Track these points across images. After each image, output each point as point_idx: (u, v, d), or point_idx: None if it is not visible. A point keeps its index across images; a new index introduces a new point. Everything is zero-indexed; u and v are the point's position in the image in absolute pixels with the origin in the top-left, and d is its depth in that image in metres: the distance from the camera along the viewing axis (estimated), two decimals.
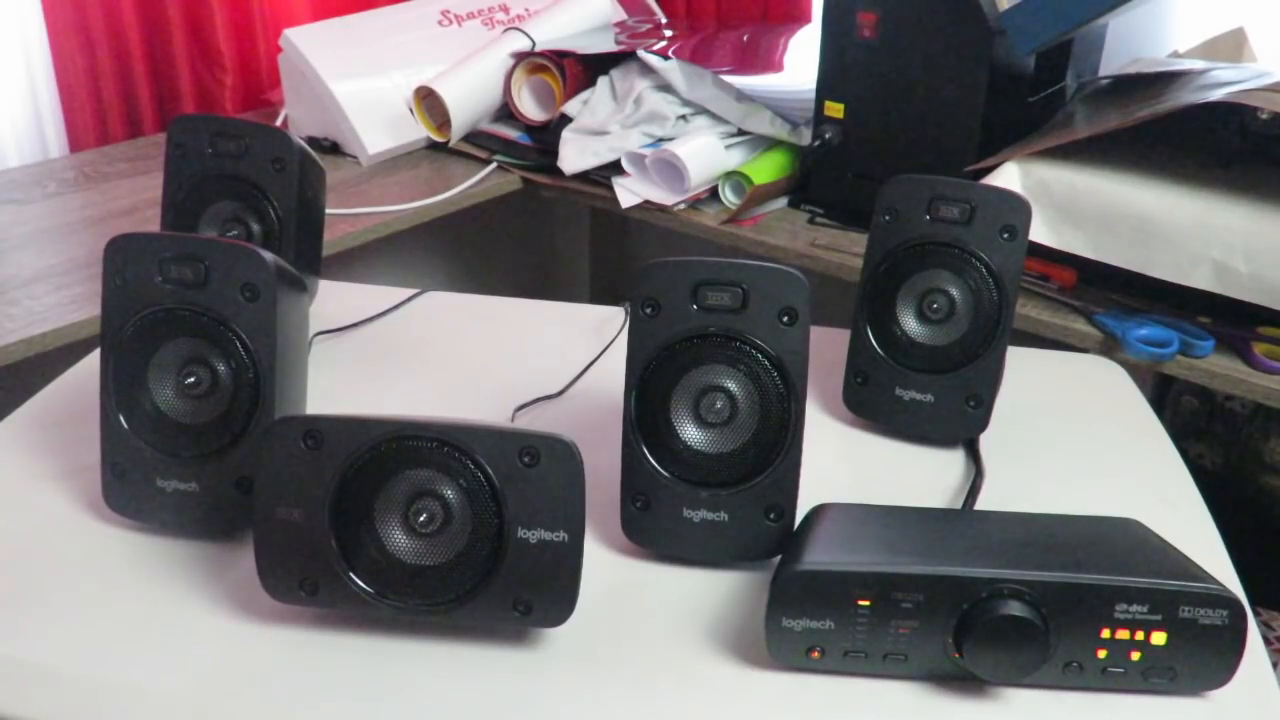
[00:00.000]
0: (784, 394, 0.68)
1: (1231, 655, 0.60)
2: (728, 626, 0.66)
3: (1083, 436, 0.87)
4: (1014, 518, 0.70)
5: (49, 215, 1.39)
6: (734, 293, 0.68)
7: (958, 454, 0.84)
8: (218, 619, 0.65)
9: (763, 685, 0.62)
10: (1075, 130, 1.16)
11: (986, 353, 0.81)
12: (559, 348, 0.97)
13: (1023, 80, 1.24)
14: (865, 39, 1.24)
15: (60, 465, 0.79)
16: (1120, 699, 0.61)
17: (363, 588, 0.62)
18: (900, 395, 0.84)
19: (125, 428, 0.70)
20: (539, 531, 0.61)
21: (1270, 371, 1.04)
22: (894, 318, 0.83)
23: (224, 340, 0.69)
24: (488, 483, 0.61)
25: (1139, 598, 0.59)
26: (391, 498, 0.61)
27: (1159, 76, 1.22)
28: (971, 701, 0.61)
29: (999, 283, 0.80)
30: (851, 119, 1.29)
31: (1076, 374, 0.98)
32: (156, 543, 0.72)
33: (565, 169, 1.42)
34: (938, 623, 0.60)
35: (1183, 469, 0.83)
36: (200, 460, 0.70)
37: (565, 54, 1.47)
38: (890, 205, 0.83)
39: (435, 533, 0.61)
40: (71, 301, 1.16)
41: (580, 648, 0.64)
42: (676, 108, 1.40)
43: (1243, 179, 1.09)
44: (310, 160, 0.93)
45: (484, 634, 0.64)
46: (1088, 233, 1.12)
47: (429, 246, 1.86)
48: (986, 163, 1.17)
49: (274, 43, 1.58)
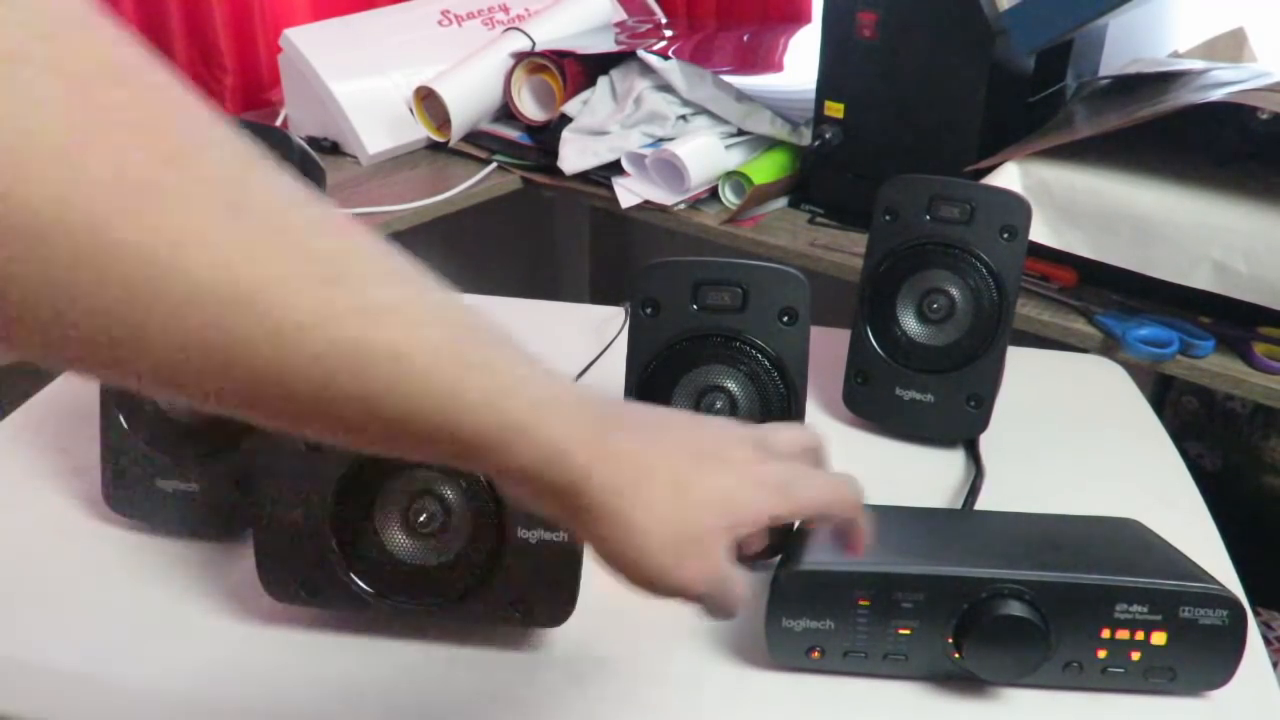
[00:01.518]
0: (784, 394, 0.68)
1: (1231, 655, 0.60)
2: (728, 626, 0.66)
3: (1083, 436, 0.87)
4: (1014, 518, 0.70)
5: None
6: (734, 293, 0.68)
7: (958, 454, 0.84)
8: (218, 619, 0.65)
9: (763, 685, 0.62)
10: (1075, 130, 1.16)
11: (986, 353, 0.81)
12: (559, 348, 0.97)
13: (1023, 80, 1.24)
14: (865, 39, 1.24)
15: (60, 465, 0.79)
16: (1120, 699, 0.61)
17: (363, 588, 0.62)
18: (900, 395, 0.84)
19: (125, 428, 0.70)
20: (539, 531, 0.61)
21: (1270, 371, 1.03)
22: (894, 318, 0.83)
23: None
24: (488, 483, 0.61)
25: (1139, 598, 0.59)
26: (391, 498, 0.61)
27: (1159, 76, 1.22)
28: (971, 701, 0.61)
29: (999, 283, 0.80)
30: (851, 119, 1.29)
31: (1076, 374, 0.98)
32: (156, 543, 0.72)
33: (565, 169, 1.42)
34: (938, 623, 0.60)
35: (1183, 469, 0.83)
36: (200, 460, 0.70)
37: (565, 54, 1.47)
38: (890, 205, 0.83)
39: (435, 533, 0.61)
40: None
41: (580, 648, 0.64)
42: (676, 108, 1.40)
43: (1243, 179, 1.09)
44: (310, 160, 0.93)
45: (484, 634, 0.64)
46: (1088, 233, 1.12)
47: (429, 246, 1.85)
48: (986, 163, 1.17)
49: (274, 43, 1.58)
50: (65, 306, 0.30)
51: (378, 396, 0.35)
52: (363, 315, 0.34)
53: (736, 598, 0.44)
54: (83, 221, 0.29)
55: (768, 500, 0.44)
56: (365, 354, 0.34)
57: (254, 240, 0.32)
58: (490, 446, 0.37)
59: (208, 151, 0.32)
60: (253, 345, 0.32)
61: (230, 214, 0.32)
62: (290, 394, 0.34)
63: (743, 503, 0.43)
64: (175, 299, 0.30)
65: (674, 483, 0.42)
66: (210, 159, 0.32)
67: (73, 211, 0.29)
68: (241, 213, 0.32)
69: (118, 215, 0.29)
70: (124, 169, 0.29)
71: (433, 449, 0.38)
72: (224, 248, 0.31)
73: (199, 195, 0.31)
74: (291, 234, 0.33)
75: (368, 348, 0.34)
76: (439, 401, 0.36)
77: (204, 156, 0.32)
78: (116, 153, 0.29)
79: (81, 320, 0.30)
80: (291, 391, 0.34)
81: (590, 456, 0.39)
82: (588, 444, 0.39)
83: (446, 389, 0.36)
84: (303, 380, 0.33)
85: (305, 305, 0.32)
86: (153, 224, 0.30)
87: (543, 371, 0.40)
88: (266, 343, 0.32)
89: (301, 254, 0.33)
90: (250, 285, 0.31)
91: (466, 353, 0.37)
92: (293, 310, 0.32)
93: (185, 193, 0.31)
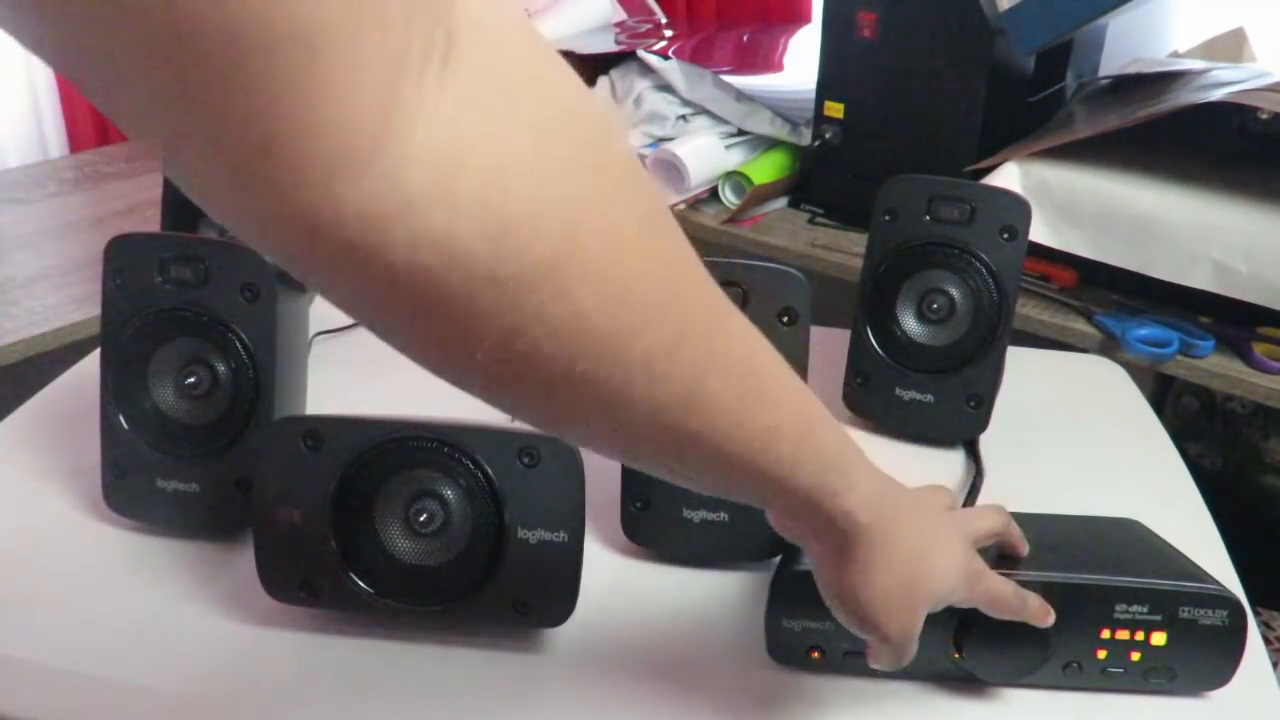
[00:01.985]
0: None
1: (1231, 655, 0.60)
2: (728, 626, 0.66)
3: (1083, 436, 0.87)
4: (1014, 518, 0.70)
5: (49, 215, 1.39)
6: (734, 293, 0.68)
7: (958, 454, 0.84)
8: (218, 619, 0.65)
9: (763, 685, 0.62)
10: (1075, 130, 1.16)
11: (986, 353, 0.81)
12: None
13: (1023, 80, 1.24)
14: (865, 39, 1.24)
15: (60, 465, 0.79)
16: (1120, 699, 0.61)
17: (363, 588, 0.62)
18: (900, 395, 0.84)
19: (125, 428, 0.70)
20: (539, 531, 0.61)
21: (1270, 371, 1.03)
22: (894, 318, 0.83)
23: (224, 340, 0.69)
24: (488, 483, 0.61)
25: (1139, 598, 0.59)
26: (391, 498, 0.61)
27: (1159, 76, 1.22)
28: (971, 701, 0.61)
29: (999, 283, 0.80)
30: (851, 119, 1.29)
31: (1076, 374, 0.98)
32: (156, 543, 0.72)
33: None
34: (938, 623, 0.59)
35: (1183, 469, 0.83)
36: (200, 460, 0.70)
37: (565, 54, 1.47)
38: (890, 205, 0.83)
39: (435, 533, 0.61)
40: (71, 301, 1.16)
41: (580, 648, 0.64)
42: (676, 108, 1.40)
43: (1243, 179, 1.09)
44: None
45: (484, 634, 0.64)
46: (1088, 233, 1.12)
47: None
48: (986, 163, 1.17)
49: None
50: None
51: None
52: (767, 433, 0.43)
53: (911, 655, 0.53)
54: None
55: (961, 588, 0.54)
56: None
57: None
58: (805, 505, 0.47)
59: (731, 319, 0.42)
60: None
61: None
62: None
63: (950, 585, 0.53)
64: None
65: (914, 553, 0.51)
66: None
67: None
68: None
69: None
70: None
71: (758, 499, 0.49)
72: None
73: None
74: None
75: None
76: (780, 473, 0.45)
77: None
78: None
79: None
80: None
81: (870, 519, 0.49)
82: (869, 507, 0.48)
83: (786, 470, 0.45)
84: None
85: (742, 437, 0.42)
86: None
87: (848, 441, 0.49)
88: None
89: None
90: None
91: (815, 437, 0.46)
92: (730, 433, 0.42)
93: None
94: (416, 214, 0.29)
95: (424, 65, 0.28)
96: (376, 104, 0.27)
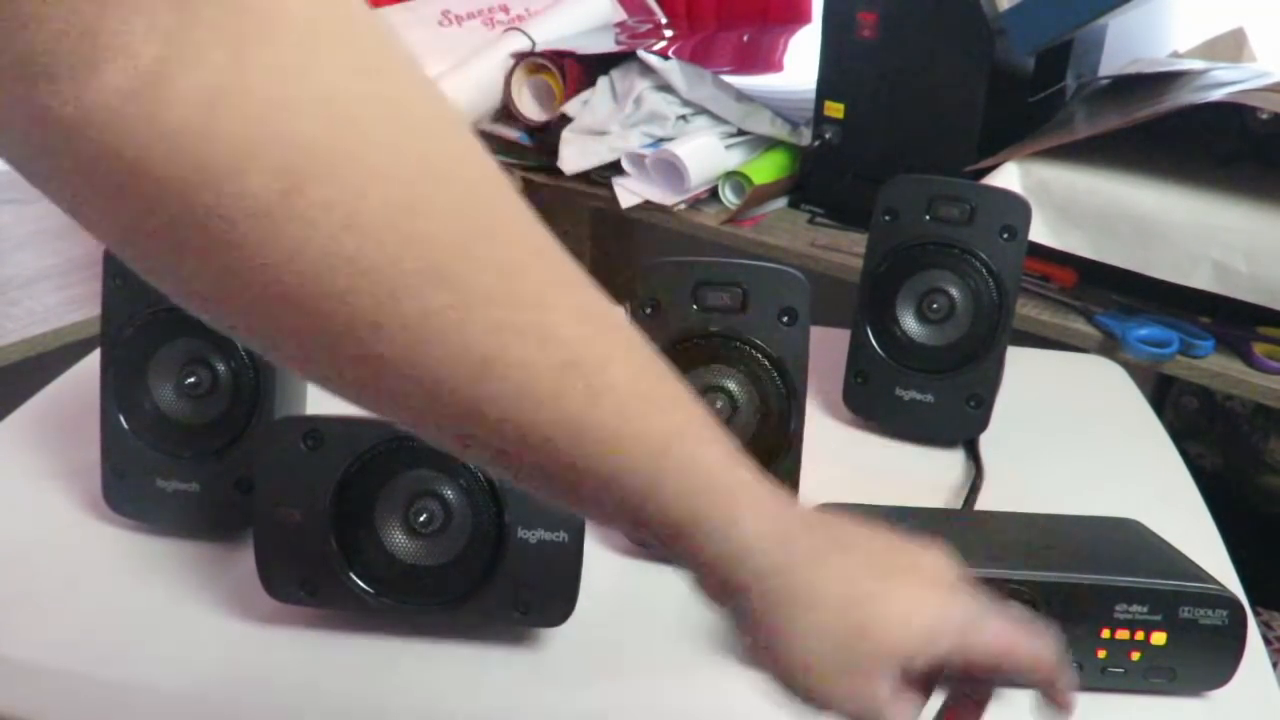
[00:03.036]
0: (784, 394, 0.68)
1: (1231, 655, 0.60)
2: (728, 627, 0.66)
3: (1083, 436, 0.87)
4: (1014, 518, 0.70)
5: (49, 215, 1.39)
6: (734, 293, 0.68)
7: (958, 454, 0.84)
8: (218, 619, 0.65)
9: (762, 685, 0.62)
10: (1075, 130, 1.16)
11: (986, 353, 0.81)
12: None
13: (1023, 80, 1.24)
14: (865, 39, 1.24)
15: (60, 465, 0.79)
16: (1120, 699, 0.61)
17: (363, 588, 0.62)
18: (900, 395, 0.84)
19: (125, 428, 0.70)
20: (539, 531, 0.61)
21: (1270, 371, 1.03)
22: (894, 318, 0.83)
23: (224, 340, 0.69)
24: (487, 483, 0.61)
25: (1139, 598, 0.59)
26: (391, 498, 0.61)
27: (1159, 76, 1.22)
28: None
29: (999, 283, 0.80)
30: (851, 119, 1.29)
31: (1076, 374, 0.98)
32: (156, 543, 0.72)
33: (565, 169, 1.42)
34: None
35: (1183, 469, 0.83)
36: (200, 460, 0.70)
37: (565, 54, 1.47)
38: (890, 205, 0.83)
39: (435, 533, 0.61)
40: (71, 301, 1.16)
41: (580, 648, 0.64)
42: (676, 108, 1.40)
43: (1243, 179, 1.09)
44: None
45: (484, 634, 0.64)
46: (1088, 233, 1.12)
47: None
48: (986, 163, 1.17)
49: None
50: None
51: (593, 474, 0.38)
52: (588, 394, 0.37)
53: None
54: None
55: (943, 636, 0.41)
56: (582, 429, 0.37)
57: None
58: (679, 536, 0.40)
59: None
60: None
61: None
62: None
63: (917, 631, 0.41)
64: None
65: (848, 601, 0.40)
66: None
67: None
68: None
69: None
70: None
71: (631, 529, 0.41)
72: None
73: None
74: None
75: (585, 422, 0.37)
76: (641, 485, 0.38)
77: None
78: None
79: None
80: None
81: (770, 566, 0.40)
82: (768, 552, 0.40)
83: (646, 481, 0.38)
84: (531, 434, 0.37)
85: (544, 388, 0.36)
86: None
87: (740, 470, 0.40)
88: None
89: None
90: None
91: (670, 440, 0.39)
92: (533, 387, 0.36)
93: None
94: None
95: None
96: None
